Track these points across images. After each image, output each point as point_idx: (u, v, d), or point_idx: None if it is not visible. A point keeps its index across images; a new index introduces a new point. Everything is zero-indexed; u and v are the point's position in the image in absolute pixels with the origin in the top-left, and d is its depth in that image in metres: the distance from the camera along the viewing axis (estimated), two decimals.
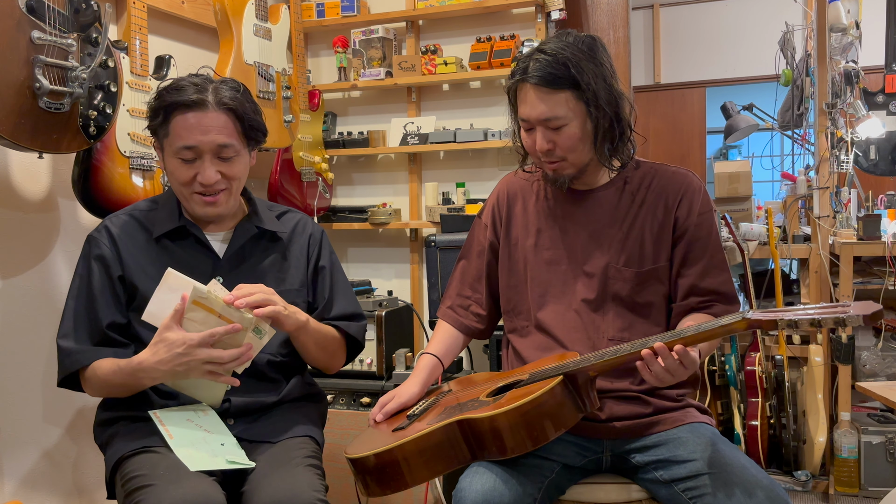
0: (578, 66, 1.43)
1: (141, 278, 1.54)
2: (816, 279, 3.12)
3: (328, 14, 3.12)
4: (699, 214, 1.54)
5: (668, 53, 5.35)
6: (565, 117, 1.46)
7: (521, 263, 1.62)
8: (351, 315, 1.70)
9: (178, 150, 1.49)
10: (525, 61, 1.47)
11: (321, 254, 1.71)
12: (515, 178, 1.71)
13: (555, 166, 1.52)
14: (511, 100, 1.53)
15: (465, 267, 1.73)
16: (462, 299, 1.72)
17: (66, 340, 1.52)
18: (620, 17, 3.13)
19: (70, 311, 1.54)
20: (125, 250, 1.55)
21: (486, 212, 1.72)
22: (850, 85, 3.02)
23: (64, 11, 1.68)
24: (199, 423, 1.47)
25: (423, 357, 1.67)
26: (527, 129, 1.51)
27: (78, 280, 1.56)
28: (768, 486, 1.32)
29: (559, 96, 1.44)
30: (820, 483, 2.97)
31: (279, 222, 1.68)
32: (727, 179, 3.34)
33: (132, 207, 1.64)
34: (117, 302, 1.54)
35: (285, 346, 1.62)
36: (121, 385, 1.47)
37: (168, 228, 1.57)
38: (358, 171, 3.29)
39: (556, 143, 1.48)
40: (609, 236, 1.55)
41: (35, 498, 1.99)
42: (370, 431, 1.53)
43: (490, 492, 1.34)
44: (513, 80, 1.50)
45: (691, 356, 1.25)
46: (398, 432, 1.42)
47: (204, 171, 1.50)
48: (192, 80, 1.51)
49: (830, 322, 1.09)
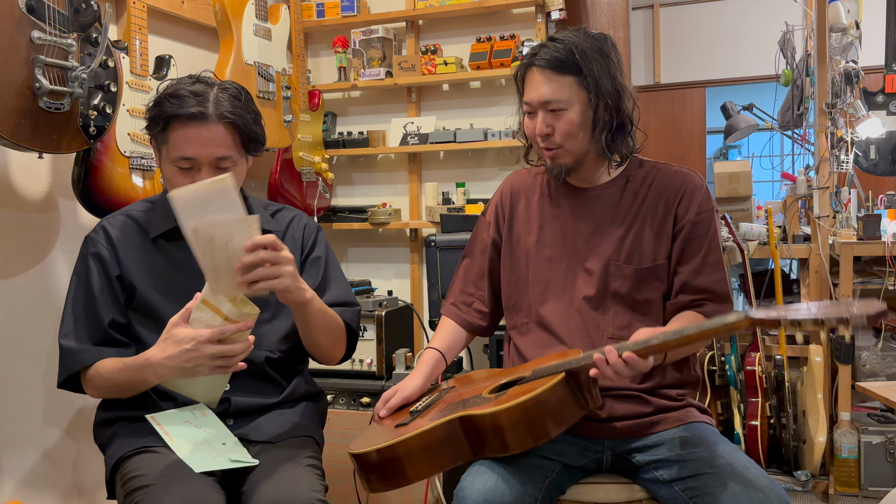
0: (584, 53, 1.47)
1: (139, 278, 1.54)
2: (816, 279, 3.12)
3: (328, 14, 3.12)
4: (698, 213, 1.54)
5: (668, 53, 5.35)
6: (566, 101, 1.48)
7: (522, 260, 1.63)
8: (344, 302, 1.67)
9: (176, 159, 1.47)
10: (536, 49, 1.52)
11: (315, 246, 1.69)
12: (520, 175, 1.72)
13: (552, 153, 1.53)
14: (519, 87, 1.57)
15: (468, 265, 1.74)
16: (465, 296, 1.72)
17: (68, 340, 1.51)
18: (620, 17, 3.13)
19: (70, 311, 1.54)
20: (122, 251, 1.55)
21: (489, 209, 1.73)
22: (850, 85, 3.02)
23: (64, 11, 1.68)
24: (198, 423, 1.47)
25: (426, 352, 1.67)
26: (529, 112, 1.54)
27: (76, 280, 1.56)
28: (768, 486, 1.32)
29: (563, 80, 1.48)
30: (820, 483, 2.96)
31: (273, 220, 1.68)
32: (727, 179, 3.34)
33: (129, 208, 1.64)
34: (116, 301, 1.54)
35: (285, 342, 1.62)
36: (125, 383, 1.46)
37: (164, 229, 1.57)
38: (358, 171, 3.29)
39: (555, 128, 1.50)
40: (610, 234, 1.55)
41: (35, 498, 1.99)
42: (373, 427, 1.54)
43: (491, 491, 1.34)
44: (522, 65, 1.54)
45: (641, 365, 1.29)
46: (400, 428, 1.42)
47: (201, 180, 1.48)
48: (193, 87, 1.48)
49: (833, 321, 1.08)
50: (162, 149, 1.51)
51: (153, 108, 1.49)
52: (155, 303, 1.53)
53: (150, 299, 1.53)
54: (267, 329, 1.59)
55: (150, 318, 1.53)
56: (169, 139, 1.47)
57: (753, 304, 3.09)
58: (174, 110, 1.45)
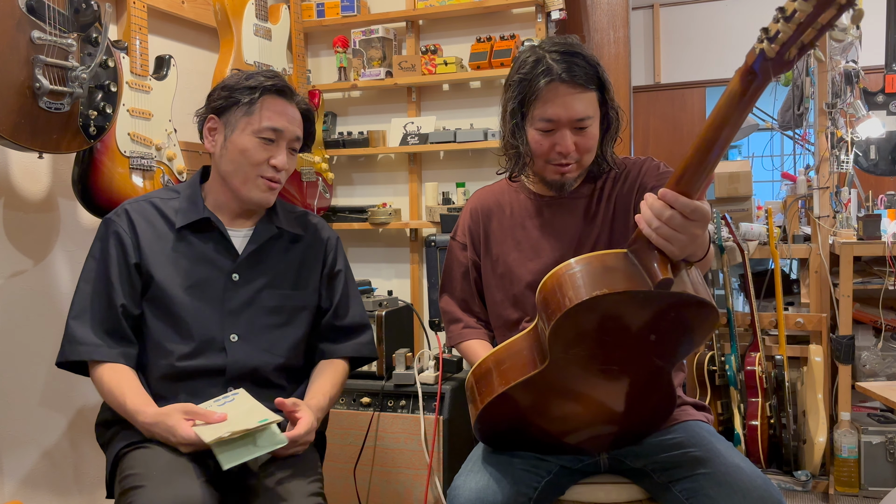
0: (601, 67, 1.48)
1: (157, 268, 1.53)
2: (816, 279, 3.12)
3: (328, 14, 3.12)
4: (647, 169, 1.55)
5: (668, 53, 5.35)
6: (594, 117, 1.48)
7: (506, 279, 1.61)
8: (361, 325, 1.71)
9: (263, 129, 1.52)
10: (542, 64, 1.45)
11: (336, 259, 1.71)
12: (484, 195, 1.72)
13: (567, 168, 1.51)
14: (522, 103, 1.49)
15: (457, 293, 1.72)
16: (472, 318, 1.71)
17: (76, 323, 1.50)
18: (620, 17, 3.13)
19: (82, 293, 1.52)
20: (144, 238, 1.54)
21: (459, 231, 1.71)
22: (850, 85, 3.02)
23: (64, 11, 1.68)
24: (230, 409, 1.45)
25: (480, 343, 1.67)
26: (547, 130, 1.48)
27: (93, 262, 1.54)
28: (762, 485, 1.32)
29: (590, 95, 1.47)
30: (820, 483, 2.97)
31: (298, 224, 1.69)
32: (727, 179, 3.34)
33: (151, 194, 1.63)
34: (132, 289, 1.52)
35: (295, 349, 1.62)
36: (118, 409, 1.47)
37: (192, 219, 1.56)
38: (358, 171, 3.29)
39: (578, 145, 1.49)
40: (590, 236, 1.56)
41: (35, 498, 1.99)
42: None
43: (483, 490, 1.35)
44: (539, 82, 1.44)
45: (693, 205, 1.08)
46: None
47: (279, 155, 1.55)
48: (273, 73, 1.60)
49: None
50: (241, 122, 1.53)
51: (244, 80, 1.55)
52: (172, 296, 1.52)
53: (167, 292, 1.52)
54: (278, 335, 1.59)
55: (165, 310, 1.52)
56: (258, 110, 1.53)
57: (753, 304, 3.09)
58: (269, 83, 1.54)
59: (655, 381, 1.34)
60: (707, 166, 1.06)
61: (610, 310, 1.17)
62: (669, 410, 1.42)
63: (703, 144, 1.05)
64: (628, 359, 1.27)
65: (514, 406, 1.34)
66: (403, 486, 2.34)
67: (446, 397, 2.32)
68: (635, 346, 1.25)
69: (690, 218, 1.08)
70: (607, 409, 1.37)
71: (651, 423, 1.45)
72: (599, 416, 1.38)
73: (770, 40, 0.93)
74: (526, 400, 1.33)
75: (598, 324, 1.20)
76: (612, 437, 1.44)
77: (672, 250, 1.11)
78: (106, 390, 1.48)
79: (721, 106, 1.02)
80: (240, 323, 1.55)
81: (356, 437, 2.39)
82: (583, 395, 1.33)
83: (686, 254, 1.14)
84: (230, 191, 1.57)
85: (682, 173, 1.08)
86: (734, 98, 1.00)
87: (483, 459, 1.44)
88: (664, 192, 1.09)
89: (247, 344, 1.55)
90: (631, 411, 1.38)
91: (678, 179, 1.08)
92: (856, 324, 2.99)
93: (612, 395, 1.34)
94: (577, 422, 1.39)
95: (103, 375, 1.48)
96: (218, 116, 1.56)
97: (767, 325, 3.12)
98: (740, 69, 0.99)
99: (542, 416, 1.37)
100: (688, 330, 1.25)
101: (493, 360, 1.34)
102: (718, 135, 1.03)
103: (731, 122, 1.01)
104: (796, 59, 0.94)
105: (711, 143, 1.04)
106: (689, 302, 1.17)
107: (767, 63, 0.95)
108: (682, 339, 1.27)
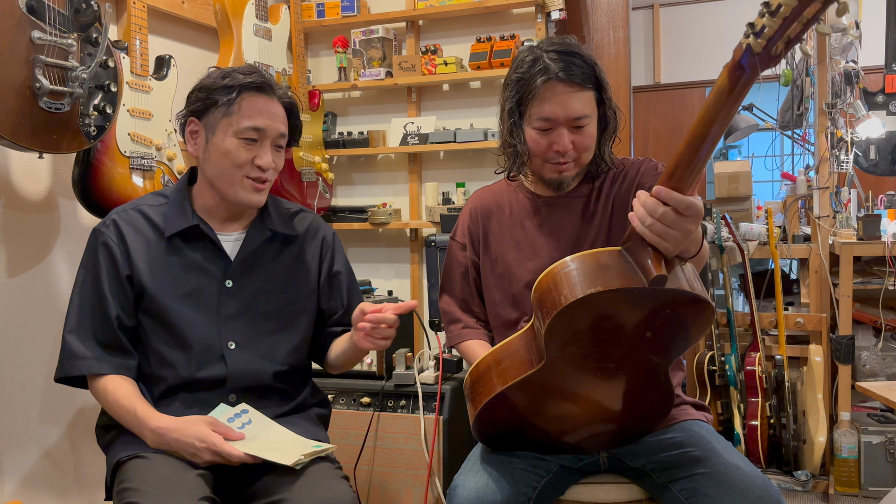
0: (599, 66, 1.49)
1: (149, 279, 1.50)
2: (816, 279, 3.12)
3: (328, 14, 3.12)
4: (645, 166, 1.57)
5: (668, 53, 5.35)
6: (591, 116, 1.49)
7: (505, 279, 1.61)
8: None
9: (244, 129, 1.46)
10: (540, 63, 1.46)
11: (335, 258, 1.68)
12: (483, 195, 1.72)
13: (564, 167, 1.52)
14: (520, 102, 1.51)
15: (457, 293, 1.72)
16: (471, 318, 1.71)
17: (72, 337, 1.48)
18: (620, 17, 3.13)
19: (77, 305, 1.50)
20: (134, 249, 1.51)
21: (458, 231, 1.71)
22: (850, 85, 3.02)
23: (64, 11, 1.68)
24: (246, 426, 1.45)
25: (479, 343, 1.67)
26: (544, 129, 1.49)
27: (84, 273, 1.52)
28: (762, 485, 1.32)
29: (587, 94, 1.48)
30: (820, 483, 2.97)
31: (292, 223, 1.64)
32: (727, 179, 3.34)
33: (139, 202, 1.59)
34: (125, 301, 1.50)
35: (294, 354, 1.59)
36: (123, 421, 1.45)
37: (181, 227, 1.52)
38: (358, 171, 3.29)
39: (576, 143, 1.49)
40: (588, 235, 1.56)
41: (35, 498, 1.99)
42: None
43: (483, 490, 1.35)
44: (533, 78, 1.46)
45: (686, 201, 1.08)
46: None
47: (264, 155, 1.49)
48: (251, 68, 1.54)
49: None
50: (219, 123, 1.48)
51: (220, 79, 1.48)
52: (166, 306, 1.49)
53: (161, 302, 1.49)
54: (276, 340, 1.57)
55: (160, 321, 1.50)
56: (238, 109, 1.47)
57: (753, 304, 3.09)
58: (246, 80, 1.48)
59: (653, 378, 1.34)
60: (698, 162, 1.07)
61: (605, 307, 1.17)
62: (668, 408, 1.42)
63: (693, 141, 1.05)
64: (625, 356, 1.27)
65: (512, 405, 1.34)
66: (403, 486, 2.35)
67: (446, 397, 2.32)
68: (631, 344, 1.25)
69: (683, 214, 1.09)
70: (605, 407, 1.37)
71: (650, 420, 1.45)
72: (598, 414, 1.38)
73: (756, 35, 0.93)
74: (524, 399, 1.33)
75: (594, 322, 1.20)
76: (611, 435, 1.44)
77: (666, 247, 1.12)
78: (111, 401, 1.45)
79: (710, 102, 1.02)
80: (237, 330, 1.52)
81: (356, 437, 2.39)
82: (580, 393, 1.33)
83: (680, 250, 1.14)
84: (218, 194, 1.52)
85: (674, 169, 1.08)
86: (723, 93, 1.00)
87: (482, 459, 1.44)
88: (657, 188, 1.10)
89: (245, 351, 1.52)
90: (629, 409, 1.38)
91: (670, 176, 1.09)
92: (856, 324, 3.00)
93: (609, 393, 1.34)
94: (576, 420, 1.39)
95: (106, 387, 1.46)
96: (198, 119, 1.50)
97: (767, 325, 3.12)
98: (728, 64, 0.99)
99: (540, 416, 1.37)
100: (684, 326, 1.25)
101: (491, 360, 1.34)
102: (708, 131, 1.03)
103: (721, 117, 1.01)
104: (783, 54, 0.95)
105: (702, 139, 1.04)
106: (684, 298, 1.18)
107: (755, 58, 0.95)
108: (678, 335, 1.27)
